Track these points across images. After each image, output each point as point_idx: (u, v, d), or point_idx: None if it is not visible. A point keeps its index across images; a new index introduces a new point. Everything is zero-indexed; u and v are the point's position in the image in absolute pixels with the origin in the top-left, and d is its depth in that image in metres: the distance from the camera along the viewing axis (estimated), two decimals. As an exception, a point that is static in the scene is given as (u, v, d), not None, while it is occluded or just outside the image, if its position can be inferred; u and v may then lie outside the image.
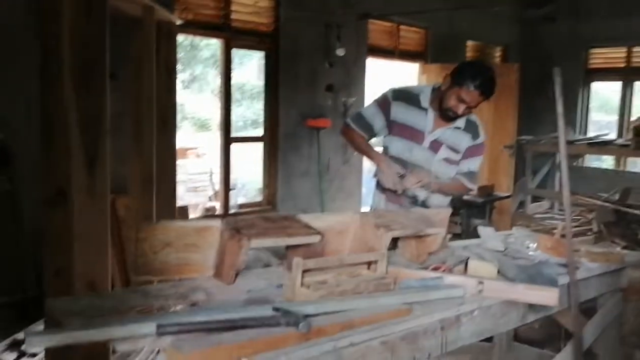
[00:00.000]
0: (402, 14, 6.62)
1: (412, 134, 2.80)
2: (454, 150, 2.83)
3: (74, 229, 2.45)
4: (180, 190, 4.11)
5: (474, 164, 2.90)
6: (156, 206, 3.37)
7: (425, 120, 2.79)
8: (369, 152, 2.88)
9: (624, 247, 5.44)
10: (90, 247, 2.54)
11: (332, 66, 6.10)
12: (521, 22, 8.95)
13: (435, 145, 2.81)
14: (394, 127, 2.83)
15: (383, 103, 2.85)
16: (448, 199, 2.98)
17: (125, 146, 3.33)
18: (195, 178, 8.61)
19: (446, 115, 2.74)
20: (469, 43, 8.26)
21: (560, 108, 2.17)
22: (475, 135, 2.86)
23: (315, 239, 1.86)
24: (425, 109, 2.79)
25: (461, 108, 2.67)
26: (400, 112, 2.81)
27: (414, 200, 2.69)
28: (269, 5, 5.71)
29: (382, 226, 2.04)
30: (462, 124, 2.80)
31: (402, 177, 2.68)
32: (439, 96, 2.74)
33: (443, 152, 2.81)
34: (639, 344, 3.30)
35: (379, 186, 2.91)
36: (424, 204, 2.66)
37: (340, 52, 6.04)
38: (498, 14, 7.89)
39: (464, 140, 2.83)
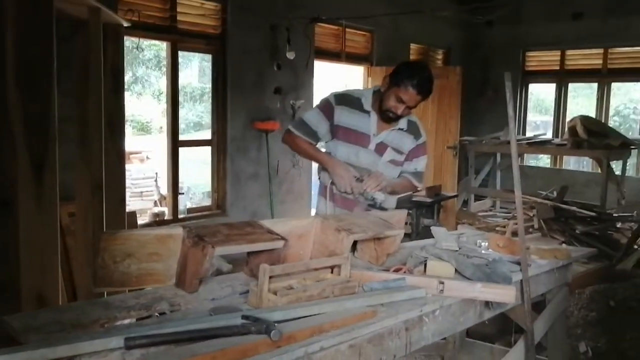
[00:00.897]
0: (350, 18, 6.68)
1: (357, 138, 2.80)
2: (399, 151, 2.85)
3: (20, 239, 2.35)
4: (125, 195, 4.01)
5: (420, 163, 2.94)
6: (105, 214, 3.26)
7: (369, 123, 2.80)
8: (319, 157, 2.84)
9: (563, 242, 5.69)
10: (39, 258, 2.45)
11: (280, 69, 6.10)
12: (462, 26, 9.21)
13: (380, 148, 2.82)
14: (338, 132, 2.81)
15: (326, 108, 2.82)
16: (395, 199, 2.99)
17: (68, 152, 3.21)
18: (139, 183, 8.41)
19: (386, 116, 2.74)
20: (413, 46, 8.44)
21: (510, 110, 2.23)
22: (417, 135, 2.89)
23: (279, 244, 1.86)
24: (367, 112, 2.80)
25: (400, 108, 2.68)
26: (344, 117, 2.80)
27: (373, 204, 2.65)
28: (216, 7, 5.66)
29: (343, 229, 2.06)
30: (404, 125, 2.83)
31: (359, 180, 2.65)
32: (379, 98, 2.76)
33: (388, 155, 2.83)
34: (583, 336, 3.46)
35: (326, 191, 2.85)
36: (382, 207, 2.63)
37: (290, 55, 6.05)
38: (440, 18, 8.09)
39: (408, 142, 2.86)
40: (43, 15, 2.40)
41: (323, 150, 2.92)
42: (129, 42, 5.64)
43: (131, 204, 7.56)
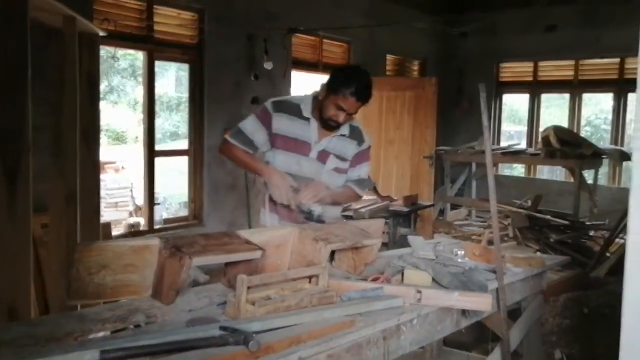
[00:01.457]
0: (327, 29, 6.73)
1: (298, 146, 2.66)
2: (342, 158, 2.72)
3: (-9, 251, 2.31)
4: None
5: (362, 170, 2.80)
6: (79, 225, 3.22)
7: (309, 130, 2.67)
8: (256, 166, 2.68)
9: (537, 251, 5.77)
10: (10, 269, 2.40)
11: (258, 79, 6.10)
12: (437, 38, 9.33)
13: (322, 156, 2.68)
14: (277, 140, 2.67)
15: (263, 116, 2.68)
16: (339, 210, 2.91)
17: (41, 162, 3.17)
18: (114, 193, 8.29)
19: (327, 125, 2.63)
20: (389, 57, 8.51)
21: (485, 120, 2.27)
22: (360, 141, 2.77)
23: (257, 254, 1.86)
24: (307, 119, 2.67)
25: (341, 116, 2.56)
26: (283, 124, 2.66)
27: (309, 216, 2.45)
28: (193, 17, 5.65)
29: (320, 239, 2.06)
30: (346, 131, 2.71)
31: (296, 191, 2.50)
32: (318, 105, 2.65)
33: (332, 162, 2.70)
34: (558, 343, 3.50)
35: (271, 202, 2.67)
36: (319, 219, 2.44)
37: (267, 65, 6.05)
38: (416, 29, 8.19)
39: (350, 148, 2.74)
40: (17, 23, 2.37)
41: (265, 159, 2.76)
42: (104, 51, 5.60)
43: (106, 215, 7.46)
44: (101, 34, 3.48)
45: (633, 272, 1.10)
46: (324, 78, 2.66)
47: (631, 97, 8.43)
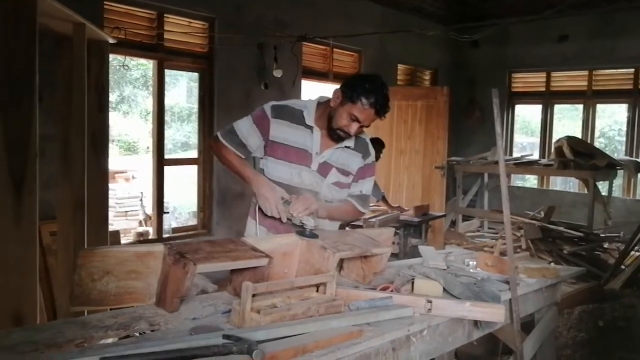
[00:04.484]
0: (337, 37, 6.71)
1: (298, 156, 2.45)
2: (345, 172, 2.51)
3: (-2, 258, 2.29)
4: (109, 215, 3.91)
5: (365, 186, 2.58)
6: (87, 233, 3.20)
7: (312, 140, 2.46)
8: (244, 173, 2.43)
9: (551, 262, 5.67)
10: (17, 277, 2.38)
11: (267, 88, 6.09)
12: (449, 47, 9.30)
13: (324, 168, 2.47)
14: (274, 148, 2.46)
15: (260, 120, 2.46)
16: (337, 225, 2.67)
17: (50, 170, 3.16)
18: (124, 202, 8.31)
19: (336, 135, 2.41)
20: (400, 66, 8.48)
21: (498, 127, 2.22)
22: (366, 154, 2.56)
23: (263, 262, 1.82)
24: (310, 128, 2.45)
25: (354, 127, 2.36)
26: (282, 132, 2.45)
27: (302, 231, 2.19)
28: (203, 26, 5.65)
29: (329, 247, 2.02)
30: (351, 142, 2.49)
31: (286, 203, 2.29)
32: (326, 113, 2.43)
33: (333, 176, 2.48)
34: (572, 357, 3.42)
35: (259, 213, 2.43)
36: (312, 234, 2.17)
37: (277, 73, 6.04)
38: (427, 38, 8.16)
39: (355, 161, 2.52)
40: (26, 30, 2.36)
41: (259, 166, 2.57)
42: (115, 60, 5.62)
43: (116, 224, 7.47)
44: (111, 41, 3.48)
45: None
46: (334, 88, 2.49)
47: (646, 107, 8.34)
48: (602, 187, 7.54)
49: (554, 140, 8.45)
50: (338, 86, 2.42)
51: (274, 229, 2.42)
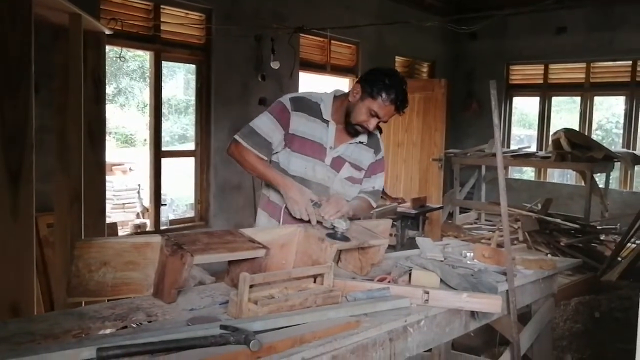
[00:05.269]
0: (334, 28, 6.69)
1: (313, 150, 2.42)
2: (357, 167, 2.51)
3: (-6, 250, 2.29)
4: (107, 207, 3.91)
5: (377, 181, 2.58)
6: (84, 224, 3.20)
7: (327, 134, 2.44)
8: (271, 176, 2.36)
9: (548, 254, 5.69)
10: (14, 268, 2.38)
11: (265, 80, 6.08)
12: (447, 39, 9.28)
13: (337, 163, 2.46)
14: (292, 141, 2.41)
15: (282, 114, 2.40)
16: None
17: (46, 162, 3.15)
18: (122, 195, 8.31)
19: (353, 130, 2.41)
20: (398, 58, 8.47)
21: (496, 119, 2.22)
22: (377, 150, 2.57)
23: (260, 253, 1.82)
24: (326, 122, 2.44)
25: (373, 123, 2.36)
26: (301, 125, 2.41)
27: (333, 233, 2.11)
28: (200, 17, 5.63)
29: (326, 239, 2.02)
30: (365, 138, 2.49)
31: (316, 205, 2.22)
32: (343, 107, 2.42)
33: (346, 171, 2.48)
34: (569, 348, 3.43)
35: (285, 215, 2.40)
36: (343, 236, 2.10)
37: (274, 65, 6.02)
38: (425, 30, 8.14)
39: (367, 156, 2.53)
40: (22, 21, 2.35)
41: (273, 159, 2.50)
42: (112, 52, 5.60)
43: (113, 216, 7.47)
44: (107, 32, 3.46)
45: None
46: (331, 80, 2.49)
47: (644, 100, 8.34)
48: (599, 179, 7.55)
49: (551, 132, 8.46)
50: (336, 78, 2.43)
51: (295, 224, 2.32)
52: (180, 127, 12.57)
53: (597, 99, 9.19)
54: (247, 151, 2.36)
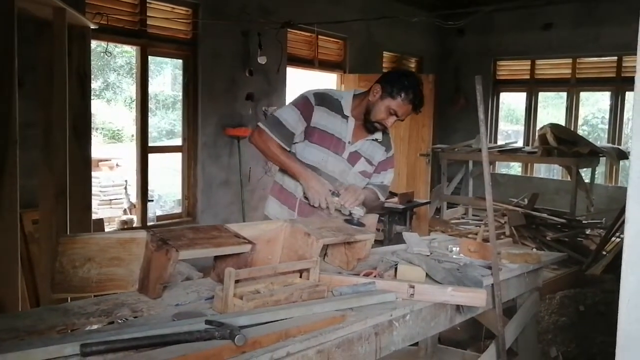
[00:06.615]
0: (322, 24, 6.68)
1: (332, 144, 2.59)
2: (370, 163, 2.69)
3: (-22, 246, 2.27)
4: (93, 203, 3.88)
5: (387, 177, 2.76)
6: (70, 220, 3.17)
7: (346, 129, 2.60)
8: (293, 166, 2.52)
9: (534, 248, 5.73)
10: (-2, 265, 2.37)
11: (252, 75, 6.06)
12: (434, 35, 9.30)
13: (353, 157, 2.64)
14: (313, 134, 2.57)
15: (305, 108, 2.56)
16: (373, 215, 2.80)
17: (31, 158, 3.12)
18: (109, 191, 8.26)
19: (372, 127, 2.58)
20: (386, 54, 8.47)
21: (481, 114, 2.23)
22: (388, 147, 2.76)
23: (246, 248, 1.82)
24: (346, 117, 2.60)
25: (391, 121, 2.54)
26: (323, 119, 2.57)
27: (350, 220, 2.34)
28: (187, 12, 5.60)
29: (312, 234, 2.02)
30: (380, 136, 2.68)
31: (335, 194, 2.43)
32: (362, 105, 2.58)
33: (360, 165, 2.65)
34: (554, 341, 3.46)
35: (300, 204, 2.60)
36: (359, 223, 2.33)
37: (261, 60, 6.00)
38: (413, 26, 8.15)
39: (379, 153, 2.72)
40: (4, 14, 2.33)
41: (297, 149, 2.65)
42: (99, 47, 5.55)
43: (100, 212, 7.42)
44: (92, 26, 3.43)
45: (631, 263, 1.06)
46: (319, 75, 2.60)
47: (629, 95, 8.39)
48: (585, 174, 7.63)
49: (538, 127, 8.52)
50: (324, 74, 2.53)
51: (310, 213, 2.56)
52: (167, 123, 12.49)
53: (583, 95, 9.27)
54: (272, 140, 2.51)
